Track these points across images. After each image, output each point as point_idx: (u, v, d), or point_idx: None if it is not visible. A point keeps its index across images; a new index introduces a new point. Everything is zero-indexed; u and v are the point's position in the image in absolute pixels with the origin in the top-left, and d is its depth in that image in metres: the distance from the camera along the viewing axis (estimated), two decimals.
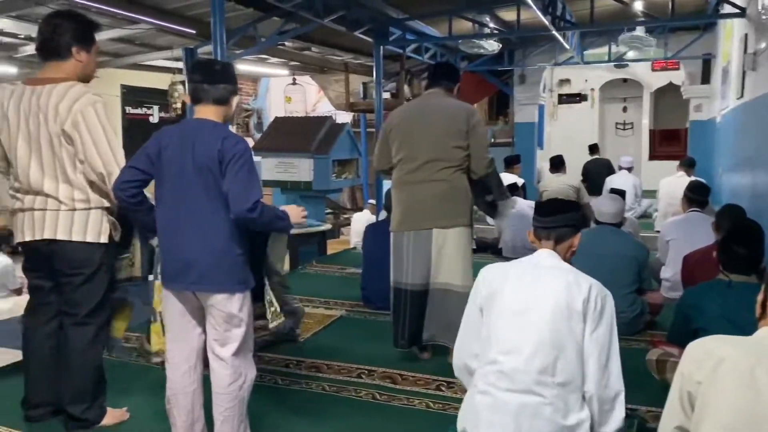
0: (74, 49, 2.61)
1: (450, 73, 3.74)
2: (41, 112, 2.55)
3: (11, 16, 5.96)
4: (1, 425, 2.80)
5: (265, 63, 9.81)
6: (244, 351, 2.46)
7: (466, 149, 3.45)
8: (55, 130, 2.55)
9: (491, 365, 2.11)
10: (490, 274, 2.25)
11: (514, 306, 2.12)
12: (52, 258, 2.67)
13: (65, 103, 2.54)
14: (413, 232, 3.49)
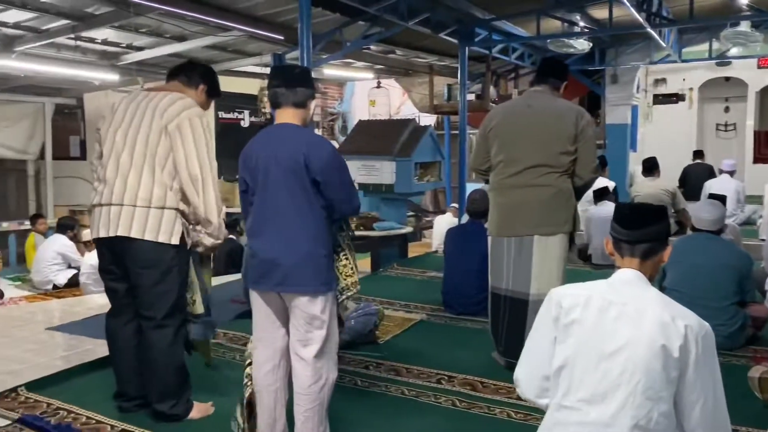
0: (201, 86, 2.96)
1: (558, 69, 3.56)
2: (149, 110, 2.74)
3: (114, 26, 6.33)
4: (97, 413, 2.96)
5: (350, 67, 9.93)
6: (327, 353, 2.47)
7: (573, 153, 3.29)
8: (158, 125, 2.70)
9: (570, 412, 1.83)
10: (567, 300, 1.90)
11: (599, 346, 1.81)
12: (124, 256, 2.76)
13: (176, 107, 2.74)
14: (514, 239, 3.37)
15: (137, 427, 2.81)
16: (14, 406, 3.06)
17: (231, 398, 3.09)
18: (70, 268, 7.80)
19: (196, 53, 8.08)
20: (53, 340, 4.36)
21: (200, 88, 2.98)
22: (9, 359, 3.84)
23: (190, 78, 2.96)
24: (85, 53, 7.50)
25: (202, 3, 5.68)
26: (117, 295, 2.90)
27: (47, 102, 10.40)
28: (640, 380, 1.74)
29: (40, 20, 6.17)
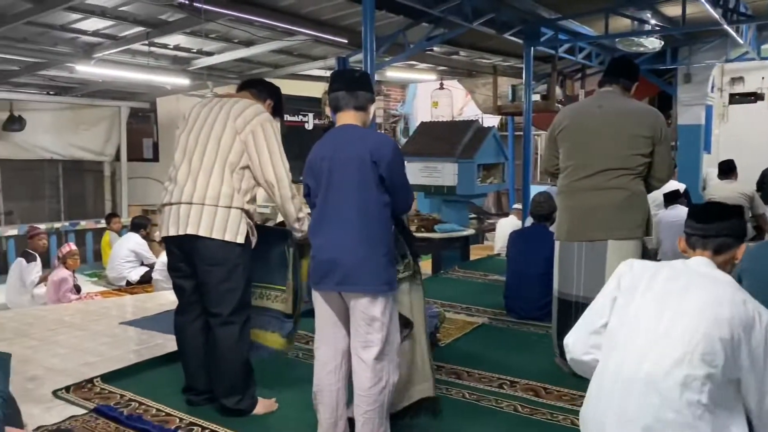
0: (268, 101, 3.13)
1: (629, 69, 3.45)
2: (222, 114, 2.87)
3: (185, 32, 6.55)
4: (166, 406, 3.07)
5: (413, 69, 9.95)
6: (387, 355, 2.47)
7: (648, 156, 3.20)
8: (231, 128, 2.83)
9: (621, 367, 1.86)
10: (638, 266, 2.00)
11: (662, 309, 1.85)
12: (193, 254, 2.85)
13: (249, 112, 2.87)
14: (585, 243, 3.29)
15: (204, 421, 2.89)
16: (90, 396, 3.21)
17: (294, 395, 3.16)
18: (143, 266, 8.13)
19: (263, 57, 8.28)
20: (126, 334, 4.54)
21: (267, 103, 3.11)
22: (86, 351, 4.03)
23: (259, 92, 3.12)
24: (158, 59, 7.79)
25: (270, 8, 5.82)
26: (185, 292, 3.00)
27: (123, 106, 10.87)
28: (699, 343, 1.75)
29: (117, 28, 6.45)
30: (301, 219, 2.97)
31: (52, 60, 7.30)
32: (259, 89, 3.13)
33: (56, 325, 4.77)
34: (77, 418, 2.93)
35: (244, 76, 9.25)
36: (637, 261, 2.05)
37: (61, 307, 6.01)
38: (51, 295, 6.55)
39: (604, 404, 1.90)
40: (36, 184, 10.79)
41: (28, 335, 4.43)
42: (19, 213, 10.46)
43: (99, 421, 2.89)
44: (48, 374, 3.55)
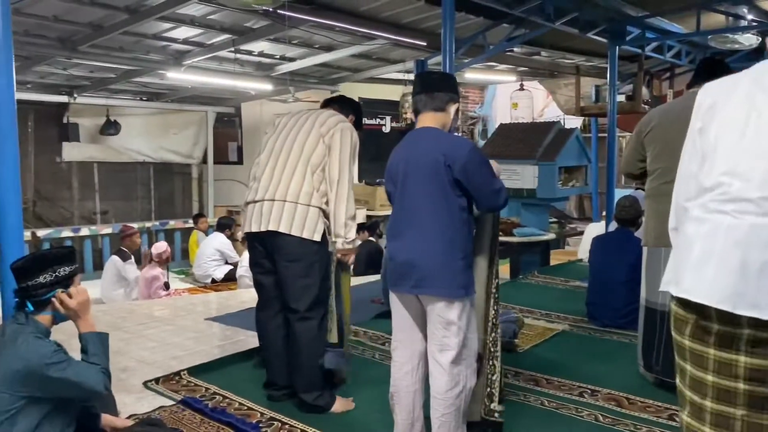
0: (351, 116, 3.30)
1: (721, 70, 3.24)
2: (309, 121, 3.06)
3: (269, 39, 6.76)
4: (248, 400, 3.16)
5: (492, 70, 9.84)
6: (464, 359, 2.45)
7: None
8: (317, 132, 3.00)
9: (711, 192, 1.59)
10: (715, 86, 1.71)
11: (748, 119, 1.57)
12: (273, 250, 2.96)
13: (334, 119, 3.06)
14: None
15: (284, 416, 2.96)
16: (178, 388, 3.35)
17: (371, 395, 3.19)
18: (227, 264, 8.44)
19: (343, 62, 8.42)
20: (211, 329, 4.72)
21: (350, 118, 3.27)
22: (174, 345, 4.21)
23: (342, 107, 3.30)
24: (243, 65, 8.08)
25: (350, 13, 5.91)
26: (265, 288, 3.10)
27: (209, 111, 11.33)
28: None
29: (205, 36, 6.73)
30: (349, 225, 3.00)
31: (146, 67, 7.71)
32: (341, 105, 3.33)
33: (147, 320, 5.02)
34: (166, 408, 3.06)
35: (324, 81, 9.45)
36: (713, 83, 1.73)
37: (151, 302, 6.32)
38: (142, 290, 6.90)
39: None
40: (129, 186, 11.41)
41: (121, 328, 4.69)
42: (114, 213, 11.10)
43: (185, 413, 3.01)
44: (139, 366, 3.74)
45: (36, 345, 2.16)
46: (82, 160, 10.38)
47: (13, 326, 2.23)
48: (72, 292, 2.29)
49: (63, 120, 9.77)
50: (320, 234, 2.94)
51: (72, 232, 9.59)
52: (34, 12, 5.45)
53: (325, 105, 3.35)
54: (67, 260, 2.30)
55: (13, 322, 2.25)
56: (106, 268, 7.21)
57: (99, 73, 8.27)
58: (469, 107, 13.34)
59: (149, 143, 10.94)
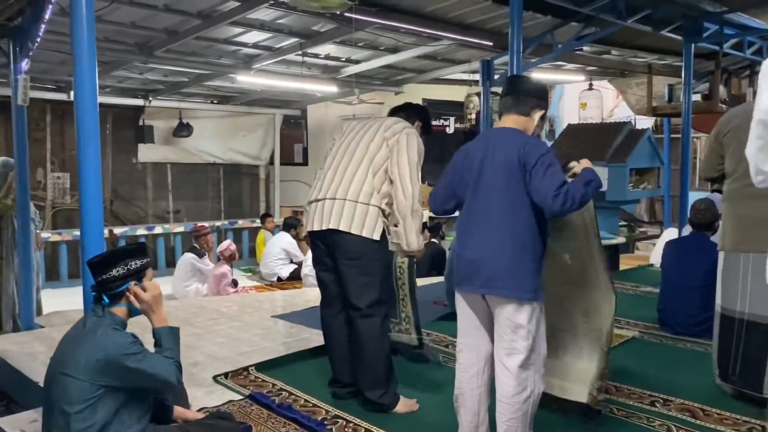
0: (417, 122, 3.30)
1: None
2: (375, 126, 3.12)
3: (336, 42, 6.84)
4: (314, 397, 3.21)
5: (560, 70, 9.64)
6: (533, 364, 2.41)
7: None
8: (381, 136, 3.06)
9: None
10: None
11: None
12: (334, 248, 3.00)
13: (399, 125, 3.11)
14: (753, 255, 2.98)
15: (349, 415, 2.99)
16: (246, 383, 3.44)
17: (435, 397, 3.18)
18: (292, 263, 8.60)
19: (408, 63, 8.43)
20: (276, 327, 4.82)
21: (416, 125, 3.28)
22: (241, 341, 4.32)
23: (408, 115, 3.31)
24: (310, 68, 8.21)
25: (416, 15, 5.91)
26: (327, 286, 3.15)
27: (277, 113, 11.59)
28: None
29: (273, 40, 6.88)
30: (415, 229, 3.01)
31: (217, 71, 7.95)
32: (408, 112, 3.34)
33: (216, 316, 5.18)
34: (234, 402, 3.15)
35: (388, 82, 9.50)
36: None
37: (220, 299, 6.51)
38: (212, 287, 7.12)
39: None
40: (200, 186, 11.80)
41: (192, 324, 4.85)
42: (185, 212, 11.50)
43: (253, 407, 3.09)
44: (209, 360, 3.86)
45: (114, 336, 2.28)
46: (157, 161, 10.81)
47: (92, 318, 2.35)
48: (146, 285, 2.39)
49: (139, 122, 10.20)
50: (379, 233, 2.97)
51: (146, 230, 9.99)
52: (114, 19, 5.70)
53: (392, 113, 3.39)
54: (138, 254, 2.42)
55: (92, 315, 2.38)
56: (180, 264, 7.48)
57: (173, 77, 8.59)
58: None
59: (219, 145, 11.28)
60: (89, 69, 2.83)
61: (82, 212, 2.85)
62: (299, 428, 2.85)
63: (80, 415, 2.21)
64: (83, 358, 2.24)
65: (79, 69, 2.82)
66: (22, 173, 4.89)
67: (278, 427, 2.87)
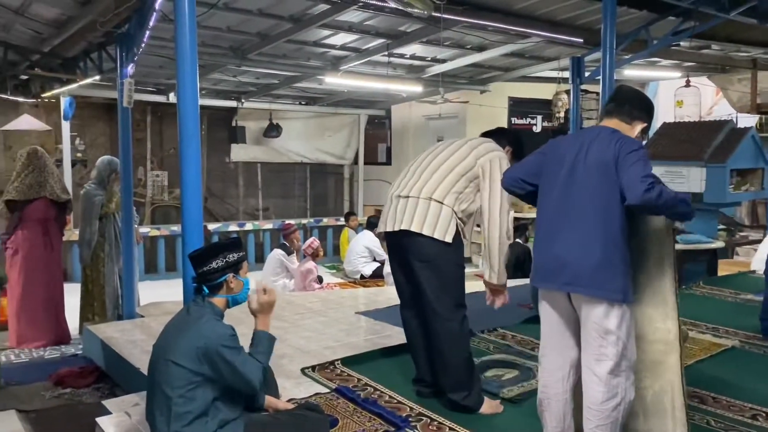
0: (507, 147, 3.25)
1: None
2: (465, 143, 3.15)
3: (422, 41, 6.86)
4: (398, 394, 3.25)
5: (654, 66, 9.24)
6: (623, 370, 2.34)
7: None
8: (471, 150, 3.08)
9: None
10: None
11: None
12: (407, 250, 2.98)
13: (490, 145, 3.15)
14: None
15: (432, 413, 3.00)
16: (332, 377, 3.53)
17: (519, 400, 3.15)
18: (375, 261, 8.70)
19: (494, 62, 8.34)
20: (360, 323, 4.90)
21: (506, 149, 3.24)
22: (327, 336, 4.43)
23: (498, 140, 3.26)
24: (395, 68, 8.27)
25: (504, 12, 5.84)
26: (403, 287, 3.16)
27: (362, 114, 11.75)
28: None
29: (361, 41, 6.99)
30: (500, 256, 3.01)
31: (306, 73, 8.15)
32: (498, 138, 3.29)
33: (303, 311, 5.33)
34: (321, 395, 3.24)
35: (474, 81, 9.42)
36: None
37: (306, 294, 6.69)
38: (298, 283, 7.32)
39: None
40: (288, 185, 12.15)
41: (280, 317, 5.01)
42: (274, 209, 11.88)
43: (339, 401, 3.16)
44: (296, 353, 3.97)
45: (217, 326, 2.40)
46: (248, 160, 11.21)
47: (195, 307, 2.50)
48: (268, 290, 2.55)
49: (232, 123, 10.61)
50: (452, 235, 2.92)
51: (237, 227, 10.39)
52: (211, 24, 5.96)
53: (483, 136, 3.36)
54: (235, 248, 2.56)
55: (194, 304, 2.52)
56: (269, 260, 7.73)
57: (264, 79, 8.88)
58: None
59: (306, 145, 11.57)
60: (191, 73, 2.99)
61: (183, 209, 3.01)
62: (384, 423, 2.89)
63: (180, 399, 2.34)
64: (185, 344, 2.37)
65: (182, 73, 2.97)
66: (126, 171, 5.21)
67: (363, 422, 2.92)
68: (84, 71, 6.35)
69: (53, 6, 4.94)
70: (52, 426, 3.63)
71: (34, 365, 4.81)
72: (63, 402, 4.00)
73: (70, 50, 6.09)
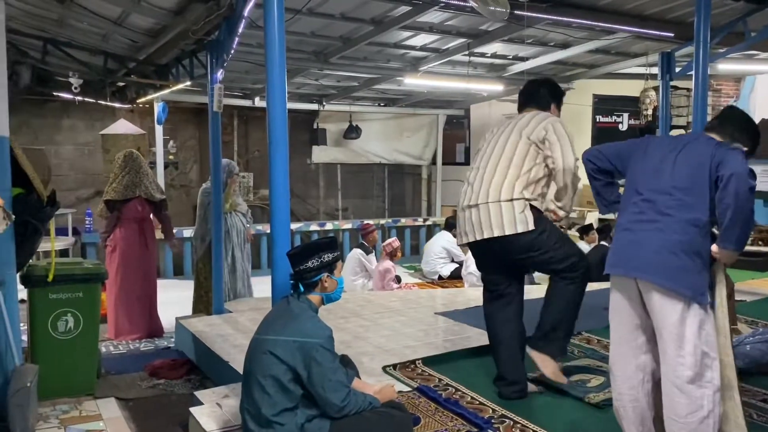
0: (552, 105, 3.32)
1: None
2: (510, 127, 3.18)
3: (503, 40, 6.77)
4: (480, 395, 3.23)
5: (752, 59, 8.73)
6: (709, 381, 2.23)
7: None
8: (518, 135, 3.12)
9: None
10: None
11: None
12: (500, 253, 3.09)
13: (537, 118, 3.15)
14: None
15: (516, 414, 2.98)
16: (413, 375, 3.55)
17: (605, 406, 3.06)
18: (453, 262, 8.67)
19: (578, 58, 8.13)
20: (439, 323, 4.90)
21: (552, 108, 3.30)
22: (406, 335, 4.46)
23: (540, 103, 3.30)
24: (476, 67, 8.20)
25: (589, 8, 5.69)
26: (498, 283, 3.23)
27: (440, 114, 11.73)
28: None
29: (441, 41, 6.98)
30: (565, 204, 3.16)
31: (385, 75, 8.22)
32: (539, 101, 3.31)
33: (382, 309, 5.38)
34: (403, 393, 3.26)
35: (557, 78, 9.19)
36: None
37: (385, 294, 6.74)
38: (377, 282, 7.39)
39: None
40: (366, 185, 12.30)
41: (360, 315, 5.08)
42: (353, 210, 12.05)
43: (421, 400, 3.18)
44: (377, 351, 4.02)
45: (318, 325, 2.49)
46: (328, 161, 11.43)
47: (296, 302, 2.60)
48: (384, 392, 2.67)
49: (313, 126, 10.85)
50: (532, 221, 2.98)
51: (318, 227, 10.60)
52: (296, 30, 6.12)
53: (523, 103, 3.35)
54: (330, 248, 2.63)
55: (294, 299, 2.61)
56: (348, 259, 7.85)
57: (344, 82, 9.02)
58: (721, 101, 12.03)
59: (385, 146, 11.67)
60: (280, 78, 3.08)
61: (272, 209, 3.11)
62: (466, 424, 2.88)
63: (273, 389, 2.43)
64: (284, 336, 2.46)
65: (271, 78, 3.07)
66: (216, 173, 5.42)
67: (445, 422, 2.92)
68: (176, 77, 6.67)
69: (149, 16, 5.21)
70: (147, 414, 3.83)
71: (131, 356, 5.09)
72: (158, 392, 4.22)
73: (163, 58, 6.41)
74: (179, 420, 3.55)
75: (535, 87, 3.37)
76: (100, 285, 4.19)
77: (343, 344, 4.10)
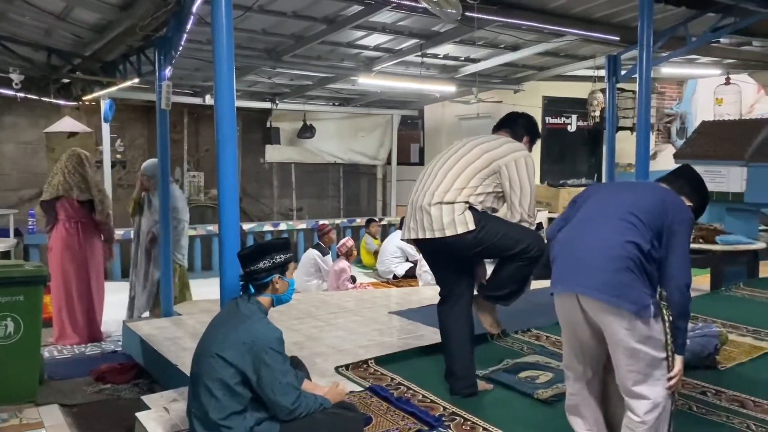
0: (525, 138, 3.34)
1: None
2: (479, 143, 3.20)
3: (455, 41, 6.84)
4: (431, 393, 3.25)
5: (693, 63, 9.04)
6: (658, 379, 2.27)
7: None
8: (486, 152, 3.13)
9: None
10: None
11: None
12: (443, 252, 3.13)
13: (507, 147, 3.16)
14: None
15: (466, 412, 3.00)
16: (366, 375, 3.55)
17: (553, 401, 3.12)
18: (408, 261, 8.71)
19: (528, 61, 8.27)
20: (393, 322, 4.91)
21: (525, 140, 3.33)
22: (360, 335, 4.46)
23: (515, 131, 3.34)
24: (429, 68, 8.26)
25: (539, 11, 5.79)
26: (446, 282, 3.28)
27: (395, 114, 11.78)
28: None
29: (394, 42, 7.00)
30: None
31: (339, 74, 8.20)
32: (514, 129, 3.35)
33: (337, 310, 5.37)
34: (355, 393, 3.26)
35: (507, 80, 9.36)
36: None
37: (340, 294, 6.73)
38: (331, 282, 7.37)
39: None
40: (321, 185, 12.25)
41: (314, 316, 5.06)
42: (307, 209, 11.98)
43: (373, 399, 3.18)
44: (330, 352, 4.01)
45: (268, 327, 2.46)
46: (282, 161, 11.33)
47: (244, 304, 2.55)
48: (341, 386, 2.72)
49: (266, 124, 10.74)
50: (472, 222, 2.98)
51: (272, 227, 10.49)
52: (246, 27, 6.03)
53: (498, 128, 3.41)
54: (283, 249, 2.60)
55: (243, 301, 2.56)
56: (303, 260, 7.81)
57: (298, 81, 8.96)
58: (665, 104, 12.42)
59: (340, 145, 11.64)
60: (228, 75, 3.03)
61: (221, 209, 3.05)
62: (417, 422, 2.90)
63: (220, 393, 2.39)
64: (233, 338, 2.42)
65: (219, 75, 3.02)
66: (164, 172, 5.31)
67: (397, 420, 2.93)
68: (123, 74, 6.50)
69: (94, 11, 5.06)
70: (92, 420, 3.73)
71: (76, 361, 4.94)
72: (103, 397, 4.10)
73: (109, 54, 6.24)
74: (125, 426, 3.46)
75: (515, 116, 3.46)
76: (42, 288, 4.05)
77: (296, 345, 4.07)
